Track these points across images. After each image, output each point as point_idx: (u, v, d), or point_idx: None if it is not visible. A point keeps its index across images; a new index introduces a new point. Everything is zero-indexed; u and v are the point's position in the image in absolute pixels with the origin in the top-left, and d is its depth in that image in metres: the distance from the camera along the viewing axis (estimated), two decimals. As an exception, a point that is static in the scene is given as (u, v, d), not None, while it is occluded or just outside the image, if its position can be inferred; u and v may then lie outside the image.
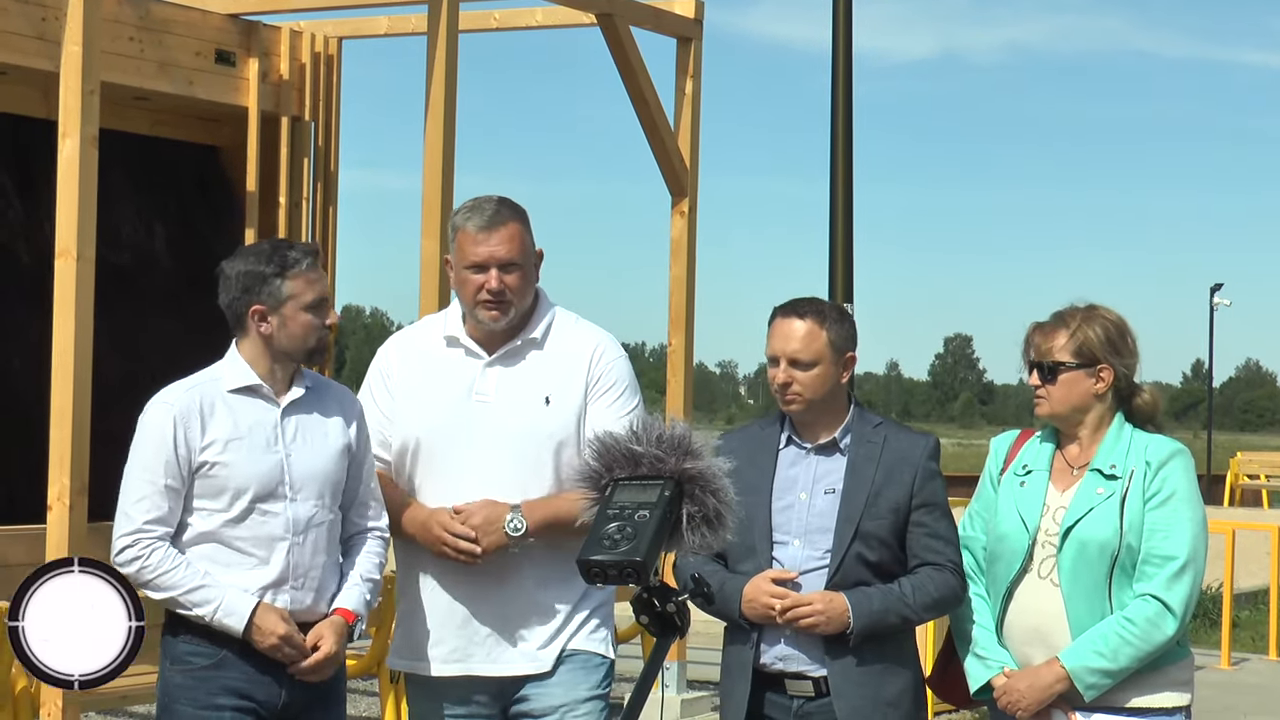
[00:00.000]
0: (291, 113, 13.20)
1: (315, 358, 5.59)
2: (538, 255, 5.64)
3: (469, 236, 5.51)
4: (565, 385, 5.55)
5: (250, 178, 12.96)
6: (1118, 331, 5.36)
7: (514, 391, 5.54)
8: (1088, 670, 5.07)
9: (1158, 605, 5.09)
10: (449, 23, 10.41)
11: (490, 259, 5.45)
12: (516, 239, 5.52)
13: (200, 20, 12.54)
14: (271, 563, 5.41)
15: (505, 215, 5.53)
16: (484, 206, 5.55)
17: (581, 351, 5.61)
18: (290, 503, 5.44)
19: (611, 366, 5.61)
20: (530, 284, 5.59)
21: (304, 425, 5.52)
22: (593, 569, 3.14)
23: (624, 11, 11.77)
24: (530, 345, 5.59)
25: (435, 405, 5.56)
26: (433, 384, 5.60)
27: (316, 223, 13.41)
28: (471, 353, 5.59)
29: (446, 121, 10.42)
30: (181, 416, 5.43)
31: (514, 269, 5.49)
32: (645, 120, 12.16)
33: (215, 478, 5.41)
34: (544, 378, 5.56)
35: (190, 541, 5.44)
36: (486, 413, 5.51)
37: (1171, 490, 5.17)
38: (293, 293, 5.45)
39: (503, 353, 5.58)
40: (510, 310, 5.51)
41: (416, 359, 5.69)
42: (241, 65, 12.84)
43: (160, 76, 12.28)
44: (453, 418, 5.53)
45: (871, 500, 5.30)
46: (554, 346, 5.61)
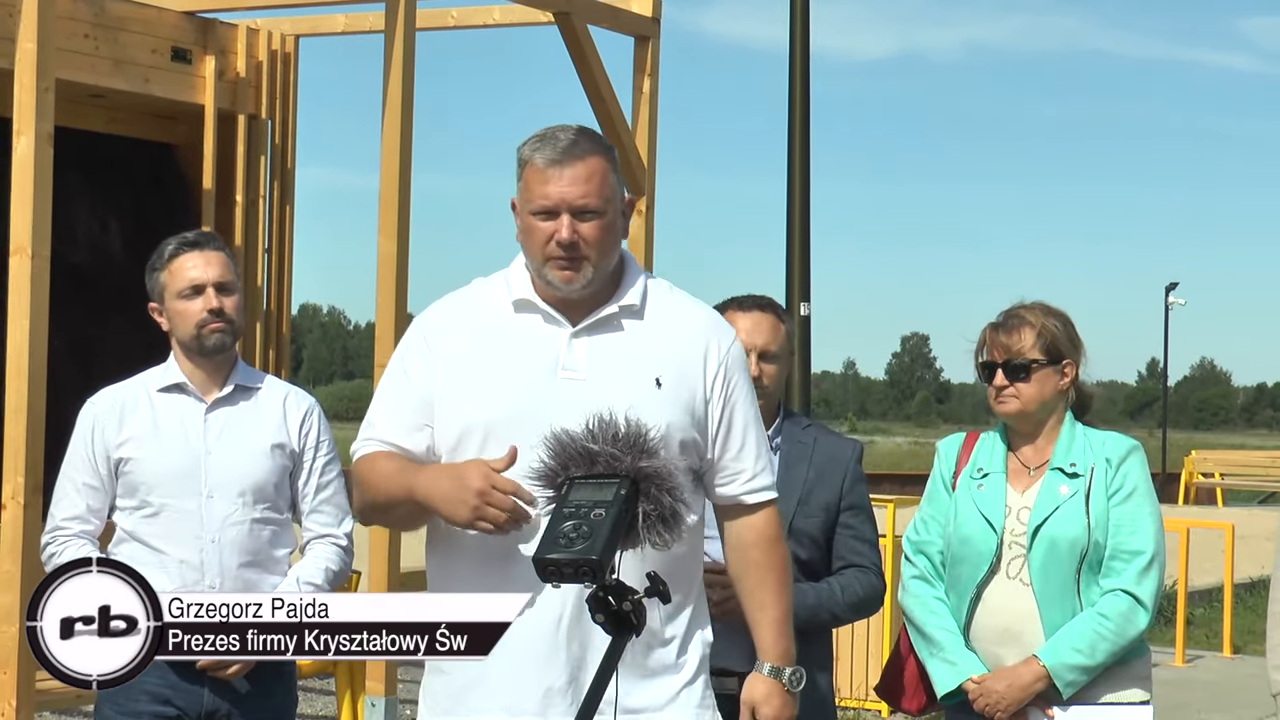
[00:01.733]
0: (248, 111, 13.17)
1: (208, 348, 5.48)
2: (626, 203, 4.45)
3: (537, 172, 4.32)
4: (680, 369, 4.36)
5: (207, 176, 12.93)
6: (1072, 327, 5.40)
7: (613, 367, 4.32)
8: (1067, 667, 5.10)
9: (1129, 600, 5.13)
10: (406, 20, 10.41)
11: (562, 202, 4.27)
12: (596, 178, 4.31)
13: (156, 18, 12.51)
14: (187, 562, 5.40)
15: (584, 148, 4.33)
16: (558, 136, 4.35)
17: (696, 331, 4.43)
18: (207, 499, 5.41)
19: (731, 353, 4.45)
20: (614, 238, 4.37)
21: (231, 423, 5.49)
22: (549, 567, 3.14)
23: (581, 10, 11.78)
24: (628, 313, 4.39)
25: (510, 384, 4.30)
26: (503, 358, 4.35)
27: (274, 221, 13.39)
28: (551, 319, 4.36)
29: (404, 119, 10.42)
30: (100, 415, 5.48)
31: (592, 216, 4.29)
32: (603, 118, 12.16)
33: (130, 474, 5.43)
34: (652, 355, 4.36)
35: (117, 542, 5.49)
36: (579, 392, 4.23)
37: (1133, 486, 5.22)
38: (166, 283, 5.47)
39: (593, 320, 4.36)
40: (587, 270, 4.31)
41: (475, 330, 4.43)
42: (198, 63, 12.81)
43: (116, 74, 12.25)
44: (534, 398, 4.25)
45: (804, 499, 5.34)
46: (658, 318, 4.42)
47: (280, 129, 13.45)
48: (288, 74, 13.44)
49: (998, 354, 5.34)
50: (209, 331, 5.43)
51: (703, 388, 4.37)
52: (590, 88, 12.03)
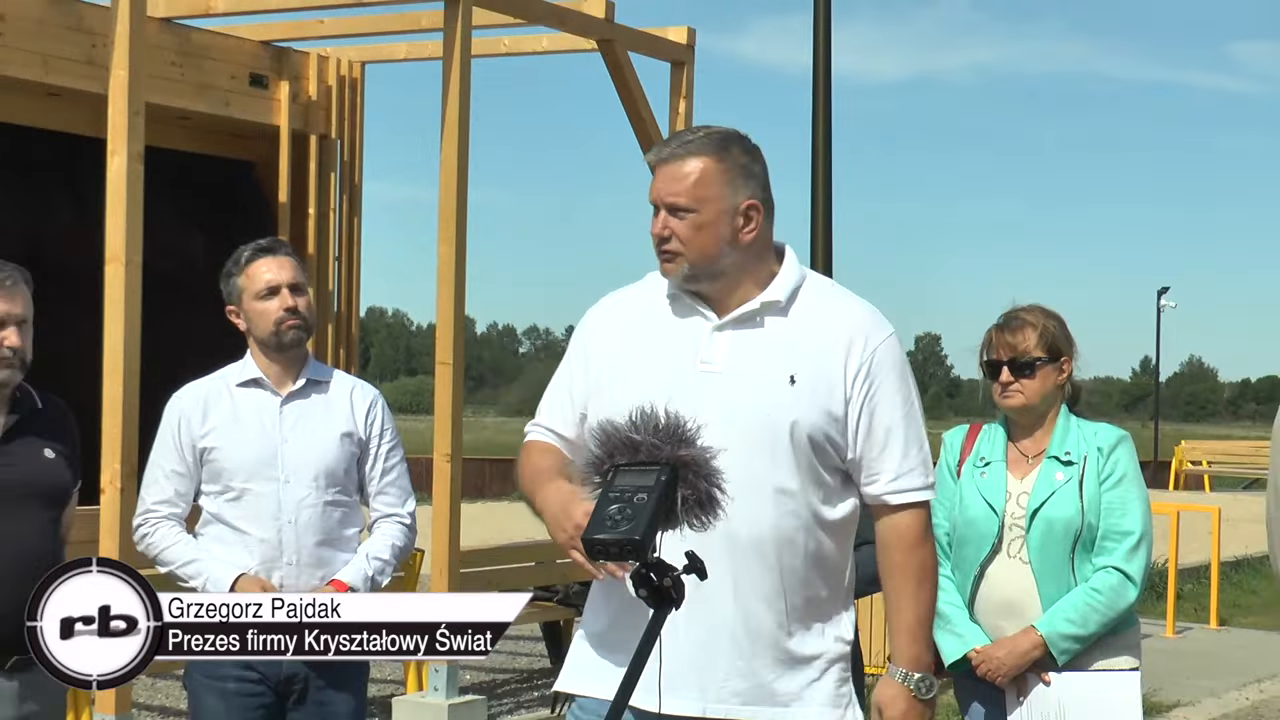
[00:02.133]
0: (319, 131, 13.23)
1: (286, 343, 5.50)
2: (747, 206, 4.07)
3: (652, 168, 4.14)
4: (816, 366, 4.04)
5: (282, 190, 13.00)
6: (1066, 327, 5.43)
7: (749, 363, 4.05)
8: (1061, 636, 5.11)
9: (1119, 575, 5.15)
10: (462, 49, 10.44)
11: (656, 199, 4.07)
12: (692, 178, 4.04)
13: (236, 46, 12.58)
14: (267, 540, 5.41)
15: (691, 148, 4.08)
16: (677, 136, 4.16)
17: (841, 329, 4.09)
18: (284, 484, 5.43)
19: (880, 351, 4.10)
20: (715, 238, 4.05)
21: (304, 414, 5.50)
22: (596, 546, 3.16)
23: (622, 37, 11.81)
24: (771, 310, 4.09)
25: (653, 374, 4.05)
26: (650, 349, 4.13)
27: (343, 231, 13.44)
28: (698, 312, 4.12)
29: (461, 138, 10.45)
30: (185, 409, 5.51)
31: (683, 214, 4.04)
32: (642, 137, 12.18)
33: (214, 462, 5.45)
34: (789, 351, 4.05)
35: (203, 524, 5.51)
36: (714, 384, 4.01)
37: (1123, 473, 5.23)
38: (244, 286, 5.49)
39: (737, 315, 4.09)
40: (682, 264, 4.07)
41: (629, 323, 4.22)
42: (273, 87, 12.88)
43: (199, 98, 12.31)
44: (672, 388, 3.93)
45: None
46: (803, 315, 4.11)
47: (348, 147, 13.49)
48: (355, 97, 13.49)
49: (1003, 352, 5.36)
50: (286, 328, 5.45)
51: (843, 386, 4.05)
52: (630, 109, 12.06)
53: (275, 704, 5.41)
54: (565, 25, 11.61)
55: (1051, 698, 5.16)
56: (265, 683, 5.37)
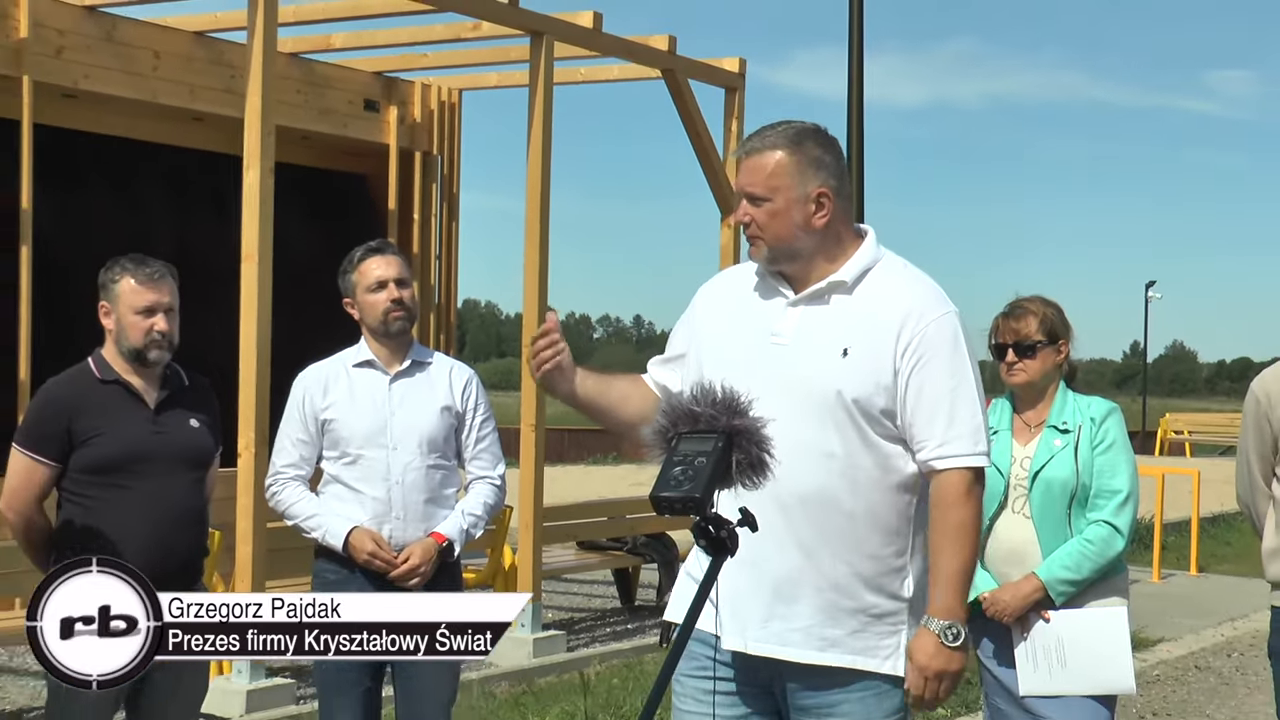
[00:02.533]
0: (423, 148, 13.28)
1: (393, 331, 5.49)
2: (817, 194, 3.91)
3: (736, 162, 4.02)
4: (869, 340, 3.87)
5: (391, 199, 13.06)
6: (1064, 313, 5.40)
7: (811, 337, 3.90)
8: (1058, 581, 5.09)
9: (1109, 528, 5.11)
10: (545, 77, 10.46)
11: (739, 189, 3.95)
12: (766, 169, 3.90)
13: (352, 76, 12.64)
14: (377, 498, 5.42)
15: (768, 141, 3.94)
16: (760, 131, 4.01)
17: (895, 308, 3.89)
18: (392, 451, 5.43)
19: (931, 327, 3.88)
20: (789, 224, 3.90)
21: (409, 391, 5.50)
22: (662, 503, 3.15)
23: (683, 67, 11.81)
24: (837, 289, 3.93)
25: (733, 344, 3.97)
26: (735, 322, 4.03)
27: (443, 234, 13.49)
28: (779, 291, 3.99)
29: (543, 154, 10.47)
30: (309, 385, 5.53)
31: (760, 202, 3.91)
32: (700, 153, 12.19)
33: (333, 431, 5.47)
34: (846, 327, 3.89)
35: (325, 484, 5.53)
36: (780, 357, 3.90)
37: (1112, 439, 5.20)
38: (357, 281, 5.51)
39: (807, 294, 3.94)
40: (763, 248, 3.94)
41: (725, 298, 4.12)
42: (384, 111, 12.94)
43: (320, 120, 12.39)
44: (749, 358, 3.90)
45: None
46: (866, 294, 3.93)
47: (448, 163, 13.55)
48: (453, 120, 13.54)
49: (1008, 337, 5.33)
50: (392, 318, 5.47)
51: (892, 359, 3.84)
52: (690, 129, 12.06)
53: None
54: (633, 57, 11.62)
55: (1051, 633, 5.14)
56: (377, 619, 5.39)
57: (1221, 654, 11.15)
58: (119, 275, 5.04)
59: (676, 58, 11.73)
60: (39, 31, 10.15)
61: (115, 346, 5.05)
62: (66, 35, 10.39)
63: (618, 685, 9.13)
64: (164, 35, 11.10)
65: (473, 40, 11.43)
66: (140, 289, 5.01)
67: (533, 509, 10.37)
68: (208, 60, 11.36)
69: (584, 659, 10.05)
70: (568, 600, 12.97)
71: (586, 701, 8.34)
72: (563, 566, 11.94)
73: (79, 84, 10.53)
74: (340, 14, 10.95)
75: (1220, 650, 11.29)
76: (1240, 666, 10.68)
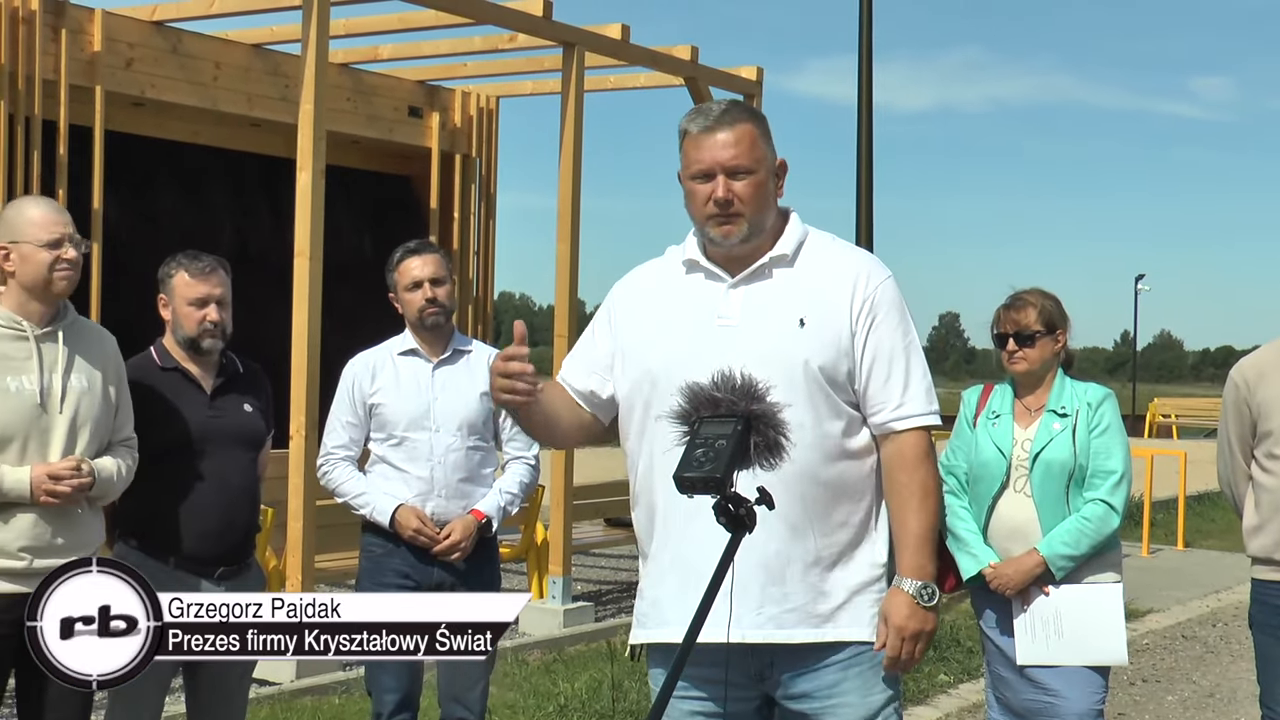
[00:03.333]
0: (463, 151, 13.25)
1: (426, 326, 5.46)
2: (779, 166, 3.70)
3: (692, 140, 3.63)
4: (823, 307, 3.60)
5: (433, 198, 13.04)
6: (1061, 305, 5.36)
7: (762, 313, 3.62)
8: (1058, 556, 5.05)
9: (1105, 507, 5.08)
10: (577, 85, 10.45)
11: (715, 164, 3.59)
12: (746, 141, 3.61)
13: (397, 85, 12.63)
14: (421, 478, 5.41)
15: (734, 116, 3.64)
16: (710, 108, 3.67)
17: (844, 273, 3.64)
18: (434, 433, 5.42)
19: (880, 289, 3.64)
20: (766, 196, 3.64)
21: (450, 377, 5.48)
22: (685, 483, 3.11)
23: (704, 75, 11.78)
24: (779, 263, 3.66)
25: (675, 333, 3.66)
26: (671, 312, 3.70)
27: (481, 231, 13.47)
28: (713, 275, 3.68)
29: (575, 156, 10.46)
30: (358, 373, 5.51)
31: (743, 175, 3.60)
32: (720, 156, 12.13)
33: (380, 415, 5.45)
34: (797, 298, 3.62)
35: (372, 463, 5.52)
36: (732, 337, 3.59)
37: (1107, 423, 5.16)
38: (398, 280, 5.48)
39: (748, 273, 3.65)
40: (742, 224, 3.61)
41: (651, 291, 3.79)
42: (427, 117, 12.92)
43: (368, 126, 12.38)
44: (694, 344, 3.60)
45: None
46: (808, 265, 3.67)
47: (486, 165, 13.51)
48: (491, 125, 13.50)
49: (1009, 327, 5.29)
50: (427, 315, 5.44)
51: (848, 323, 3.60)
52: (710, 133, 12.00)
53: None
54: (658, 66, 11.59)
55: (1050, 606, 5.10)
56: (419, 588, 5.38)
57: (1207, 624, 11.09)
58: (174, 270, 5.04)
59: (698, 66, 11.69)
60: (111, 45, 10.22)
61: (173, 336, 5.05)
62: (136, 49, 10.44)
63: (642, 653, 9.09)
64: (224, 48, 11.13)
65: (509, 51, 11.41)
66: (193, 282, 4.99)
67: (563, 488, 10.37)
68: (264, 71, 11.36)
69: (611, 629, 10.02)
70: (596, 574, 12.96)
71: (613, 668, 8.32)
72: (591, 542, 11.92)
73: (146, 93, 10.57)
74: (387, 27, 10.97)
75: (1205, 620, 11.23)
76: (1224, 636, 10.62)
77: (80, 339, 4.57)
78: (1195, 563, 14.44)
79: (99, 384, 4.55)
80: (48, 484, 4.35)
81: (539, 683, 8.37)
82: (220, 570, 4.95)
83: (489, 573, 5.56)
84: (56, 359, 4.47)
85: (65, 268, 4.47)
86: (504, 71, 12.59)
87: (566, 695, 7.96)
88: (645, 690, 7.90)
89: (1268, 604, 5.18)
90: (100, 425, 4.55)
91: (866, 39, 14.54)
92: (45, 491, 4.35)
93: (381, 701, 5.39)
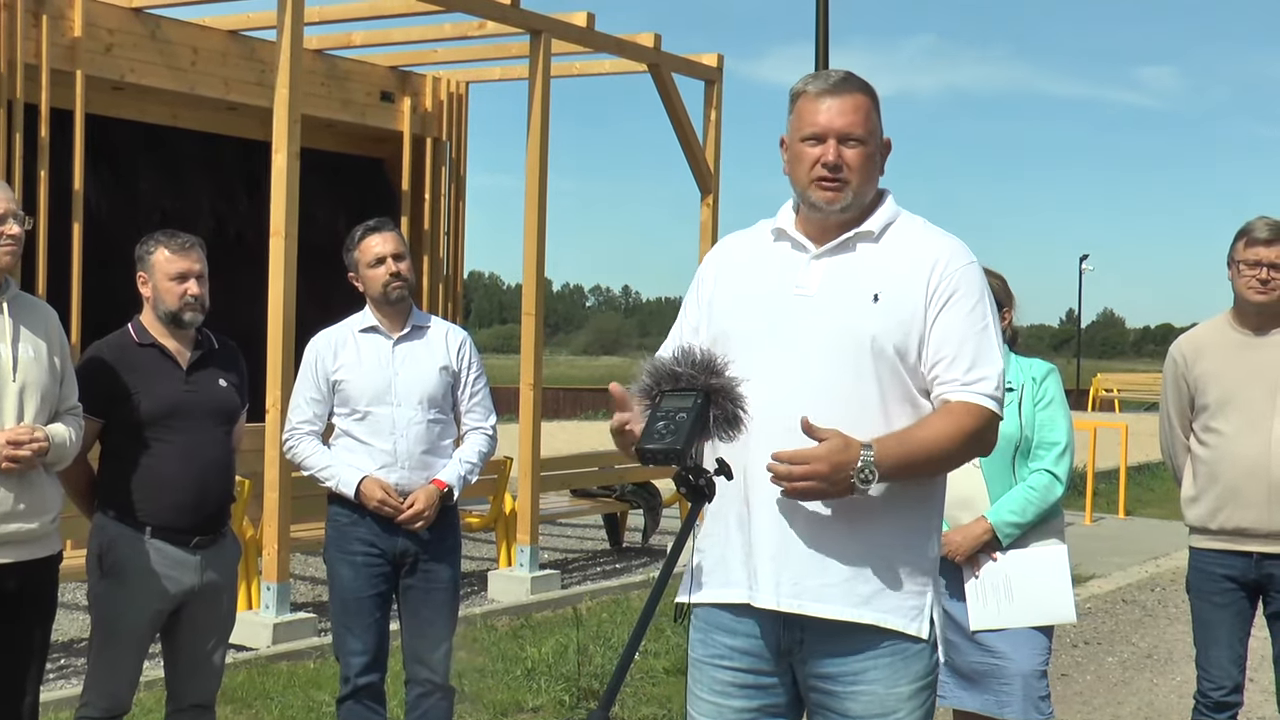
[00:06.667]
0: (433, 135, 13.21)
1: (392, 300, 5.41)
2: (885, 144, 3.52)
3: (809, 101, 3.43)
4: (900, 286, 3.38)
5: (404, 180, 13.00)
6: (1006, 284, 5.36)
7: (839, 286, 3.41)
8: (1005, 524, 5.06)
9: (1050, 476, 5.09)
10: (543, 71, 10.41)
11: (829, 128, 3.39)
12: (862, 110, 3.42)
13: (370, 70, 12.57)
14: (384, 450, 5.37)
15: (853, 85, 3.45)
16: (830, 74, 3.48)
17: (925, 254, 3.42)
18: (396, 408, 5.39)
19: (960, 273, 3.41)
20: (873, 169, 3.46)
21: (410, 353, 5.45)
22: (646, 455, 3.10)
23: (667, 62, 11.76)
24: (864, 239, 3.45)
25: (753, 301, 3.46)
26: (753, 280, 3.50)
27: (451, 212, 13.43)
28: (798, 245, 3.48)
29: (541, 139, 10.43)
30: (321, 350, 5.48)
31: (855, 144, 3.40)
32: (683, 139, 12.13)
33: (343, 391, 5.42)
34: (876, 274, 3.41)
35: (336, 437, 5.48)
36: (806, 308, 3.40)
37: (1051, 397, 5.18)
38: (359, 258, 5.45)
39: (832, 245, 3.44)
40: (848, 193, 3.41)
41: (736, 260, 3.58)
42: (398, 102, 12.86)
43: (342, 110, 12.32)
44: (770, 313, 3.42)
45: None
46: (892, 243, 3.45)
47: (455, 148, 13.47)
48: (461, 109, 13.46)
49: (958, 305, 5.30)
50: (391, 289, 5.41)
51: (923, 303, 3.36)
52: (674, 117, 12.00)
53: (391, 572, 5.39)
54: (623, 53, 11.57)
55: (999, 571, 5.11)
56: (384, 556, 5.36)
57: (1146, 589, 11.16)
58: (154, 247, 5.00)
59: (661, 54, 11.67)
60: (91, 31, 10.17)
61: (153, 312, 5.01)
62: (115, 34, 10.38)
63: (607, 619, 9.12)
64: (202, 34, 11.06)
65: (478, 38, 11.37)
66: (174, 258, 4.96)
67: (531, 460, 10.36)
68: (241, 56, 11.30)
69: (576, 595, 10.03)
70: (562, 543, 12.95)
71: (579, 633, 8.32)
72: (558, 512, 11.92)
73: (126, 78, 10.51)
74: (359, 14, 10.94)
75: (1145, 585, 11.30)
76: (1162, 600, 10.69)
77: (24, 311, 4.54)
78: (1135, 530, 14.53)
79: (45, 354, 4.52)
80: (8, 450, 4.32)
81: (507, 648, 8.37)
82: (196, 540, 4.93)
83: (451, 540, 5.54)
84: (4, 330, 4.43)
85: (9, 243, 4.45)
86: (473, 58, 12.55)
87: (534, 660, 7.96)
88: (609, 655, 7.92)
89: (1204, 570, 5.21)
90: (49, 393, 4.52)
91: (823, 26, 14.53)
92: (6, 457, 4.32)
93: (349, 665, 5.37)
